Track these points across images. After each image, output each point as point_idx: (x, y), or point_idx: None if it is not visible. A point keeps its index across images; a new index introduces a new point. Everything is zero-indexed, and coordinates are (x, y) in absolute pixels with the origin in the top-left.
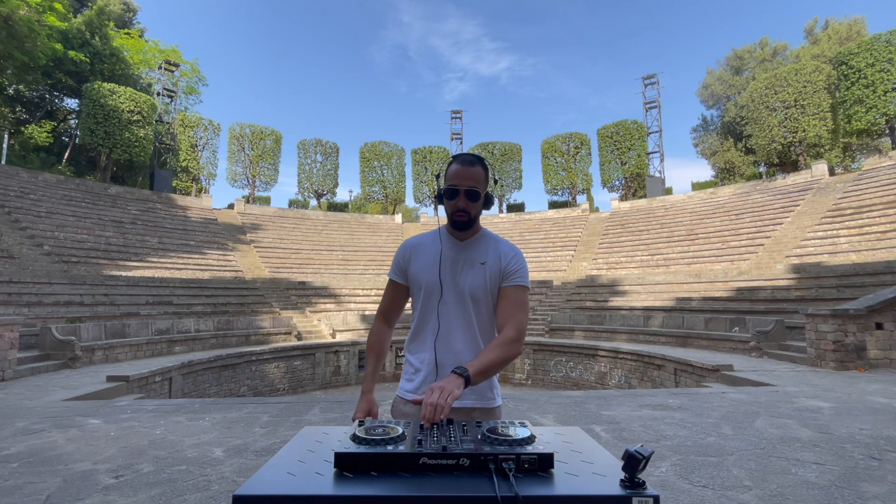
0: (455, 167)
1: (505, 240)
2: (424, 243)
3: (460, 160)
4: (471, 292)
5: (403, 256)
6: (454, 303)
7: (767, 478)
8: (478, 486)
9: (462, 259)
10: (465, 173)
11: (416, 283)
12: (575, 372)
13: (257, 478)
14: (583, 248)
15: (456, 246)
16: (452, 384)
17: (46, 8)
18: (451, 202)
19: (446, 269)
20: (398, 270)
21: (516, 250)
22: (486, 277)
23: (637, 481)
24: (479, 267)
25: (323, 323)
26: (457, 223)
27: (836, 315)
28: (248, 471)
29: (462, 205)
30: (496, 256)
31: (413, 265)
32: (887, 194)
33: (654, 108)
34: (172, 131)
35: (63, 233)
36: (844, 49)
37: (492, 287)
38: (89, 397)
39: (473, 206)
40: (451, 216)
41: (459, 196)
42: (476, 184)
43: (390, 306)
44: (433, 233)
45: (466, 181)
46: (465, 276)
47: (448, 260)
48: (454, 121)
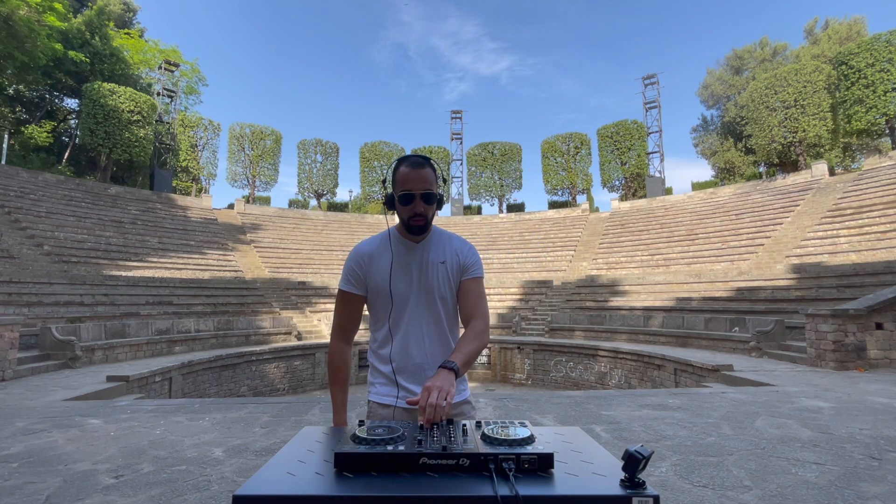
0: (404, 170)
1: (451, 233)
2: (378, 250)
3: (409, 163)
4: (438, 292)
5: (359, 266)
6: (424, 305)
7: (767, 478)
8: (478, 486)
9: (423, 261)
10: (417, 176)
11: (380, 292)
12: (575, 372)
13: (257, 478)
14: (583, 248)
15: (413, 249)
16: (446, 381)
17: (46, 8)
18: (407, 207)
19: (412, 274)
20: (354, 280)
21: (467, 243)
22: (448, 276)
23: (637, 481)
24: (441, 266)
25: (323, 323)
26: (414, 228)
27: (836, 315)
28: (248, 471)
29: (420, 209)
30: (452, 253)
31: (374, 274)
32: (887, 194)
33: (654, 108)
34: (172, 131)
35: (63, 233)
36: (844, 49)
37: (454, 283)
38: (89, 397)
39: (429, 209)
40: (406, 221)
41: (416, 200)
42: (430, 186)
43: (348, 321)
44: (382, 237)
45: (420, 184)
46: (431, 278)
47: (410, 264)
48: (454, 121)
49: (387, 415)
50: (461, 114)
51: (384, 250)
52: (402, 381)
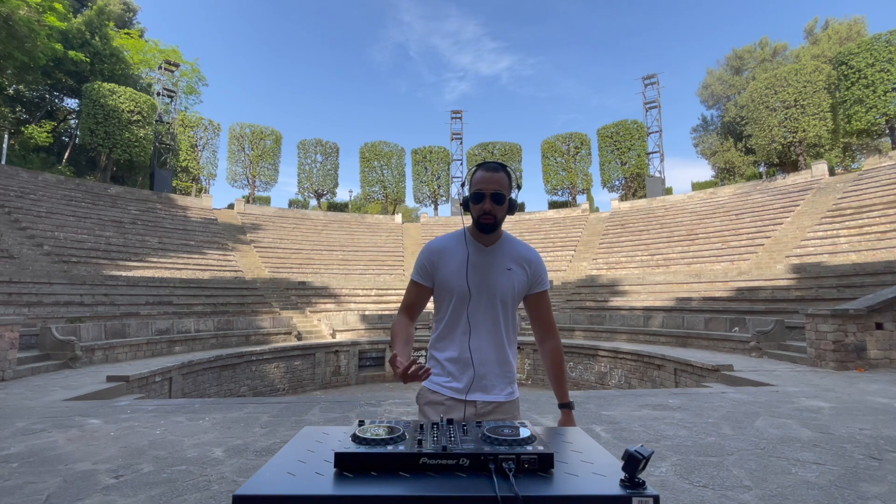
0: (480, 173)
1: (522, 242)
2: (450, 247)
3: (485, 167)
4: (500, 297)
5: (430, 260)
6: (484, 306)
7: (767, 478)
8: (478, 486)
9: (489, 264)
10: (490, 178)
11: (445, 288)
12: (575, 372)
13: (257, 478)
14: (583, 248)
15: (482, 251)
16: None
17: (46, 8)
18: (478, 206)
19: (477, 275)
20: (423, 273)
21: (536, 254)
22: (513, 283)
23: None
24: (507, 273)
25: (323, 323)
26: (483, 226)
27: (836, 315)
28: (248, 471)
29: (488, 207)
30: (520, 262)
31: (441, 270)
32: (887, 194)
33: (654, 108)
34: (172, 131)
35: (63, 233)
36: (844, 49)
37: (518, 292)
38: (89, 397)
39: (499, 210)
40: (476, 219)
41: (485, 199)
42: (501, 188)
43: (414, 303)
44: (457, 236)
45: (491, 185)
46: (495, 282)
47: (477, 265)
48: (454, 121)
49: (434, 399)
50: (461, 114)
51: (456, 247)
52: (454, 371)
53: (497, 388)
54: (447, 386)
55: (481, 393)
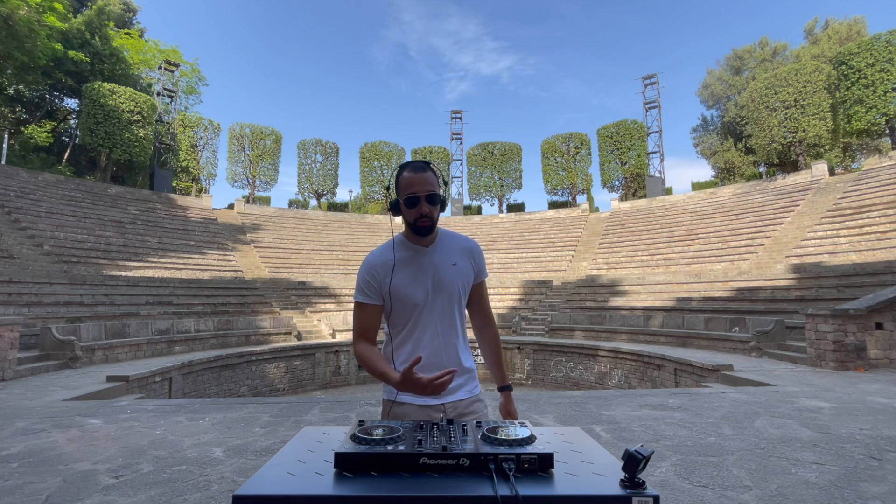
0: (407, 175)
1: (457, 233)
2: (390, 258)
3: (410, 168)
4: (453, 294)
5: (373, 276)
6: (439, 307)
7: (767, 478)
8: (478, 486)
9: (435, 263)
10: (420, 179)
11: (399, 299)
12: (575, 372)
13: (257, 478)
14: (583, 248)
15: (423, 253)
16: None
17: (46, 8)
18: (413, 210)
19: (427, 277)
20: (370, 291)
21: (475, 243)
22: (461, 276)
23: (637, 481)
24: (453, 268)
25: (323, 323)
26: (421, 229)
27: (836, 315)
28: (248, 471)
29: (426, 210)
30: (462, 254)
31: (387, 282)
32: (887, 194)
33: (654, 108)
34: (172, 131)
35: (63, 233)
36: (844, 49)
37: (466, 284)
38: (89, 397)
39: (434, 210)
40: (413, 223)
41: (421, 202)
42: (433, 188)
43: (368, 328)
44: (388, 246)
45: (424, 186)
46: (445, 280)
47: (424, 267)
48: (454, 121)
49: (403, 412)
50: (461, 114)
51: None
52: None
53: (463, 386)
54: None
55: (449, 394)
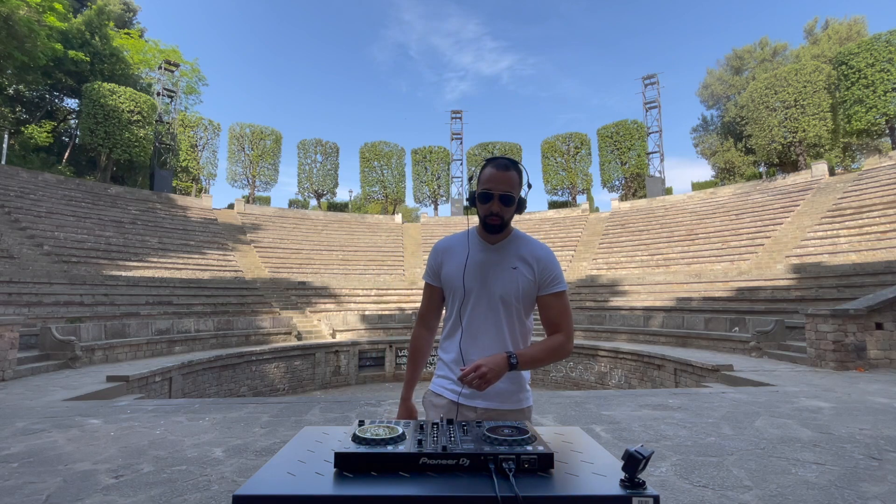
0: (490, 171)
1: (535, 240)
2: (455, 246)
3: (495, 164)
4: (501, 296)
5: (436, 259)
6: (484, 306)
7: (767, 478)
8: (478, 486)
9: (493, 262)
10: (500, 177)
11: (448, 286)
12: (575, 372)
13: (257, 478)
14: (583, 248)
15: (486, 249)
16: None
17: (46, 8)
18: (485, 206)
19: (477, 273)
20: (432, 273)
21: (548, 252)
22: (517, 282)
23: (637, 481)
24: (511, 271)
25: (323, 323)
26: (489, 227)
27: (836, 315)
28: (248, 471)
29: (496, 209)
30: (528, 261)
31: (445, 268)
32: (887, 194)
33: (654, 108)
34: (172, 131)
35: (63, 233)
36: (844, 49)
37: (524, 292)
38: (89, 397)
39: (507, 211)
40: (483, 219)
41: (493, 200)
42: (510, 188)
43: (428, 309)
44: (463, 235)
45: (501, 185)
46: (496, 280)
47: (478, 263)
48: (454, 121)
49: (437, 403)
50: (461, 114)
51: (461, 247)
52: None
53: (502, 395)
54: (447, 388)
55: (482, 399)
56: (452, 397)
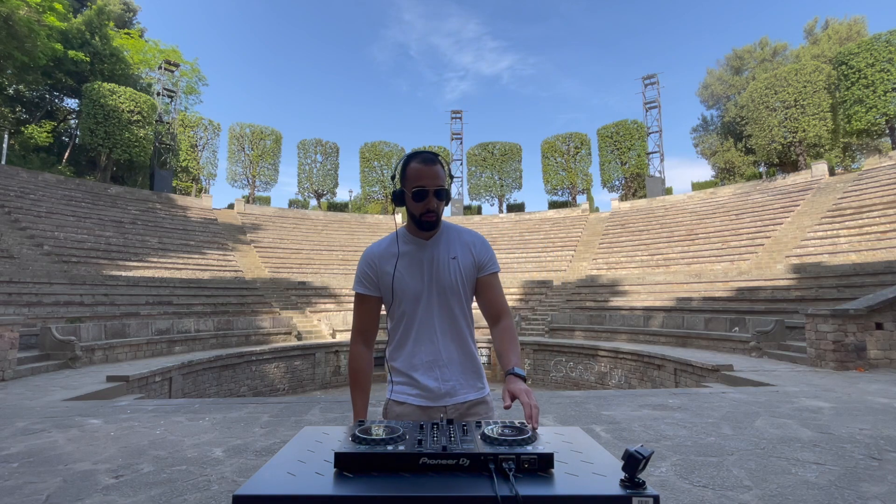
0: (417, 166)
1: (460, 226)
2: (389, 250)
3: (420, 159)
4: (450, 289)
5: (370, 267)
6: (437, 302)
7: (767, 478)
8: (478, 486)
9: (433, 257)
10: (430, 172)
11: (392, 292)
12: (575, 372)
13: (257, 478)
14: (583, 248)
15: (423, 246)
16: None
17: (46, 8)
18: (420, 203)
19: (423, 271)
20: (367, 282)
21: (478, 236)
22: (460, 270)
23: (637, 481)
24: (452, 262)
25: (323, 323)
26: (426, 224)
27: (836, 315)
28: (248, 471)
29: (433, 206)
30: (464, 247)
31: (386, 275)
32: (887, 194)
33: (654, 108)
34: (172, 131)
35: (63, 233)
36: (844, 49)
37: (467, 279)
38: (89, 397)
39: (441, 205)
40: (418, 217)
41: (429, 197)
42: (442, 182)
43: (367, 324)
44: (391, 238)
45: (433, 181)
46: (443, 274)
47: (421, 261)
48: (454, 121)
49: (402, 412)
50: (461, 114)
51: (394, 250)
52: (417, 378)
53: (465, 387)
54: (412, 395)
55: (449, 396)
56: (418, 402)
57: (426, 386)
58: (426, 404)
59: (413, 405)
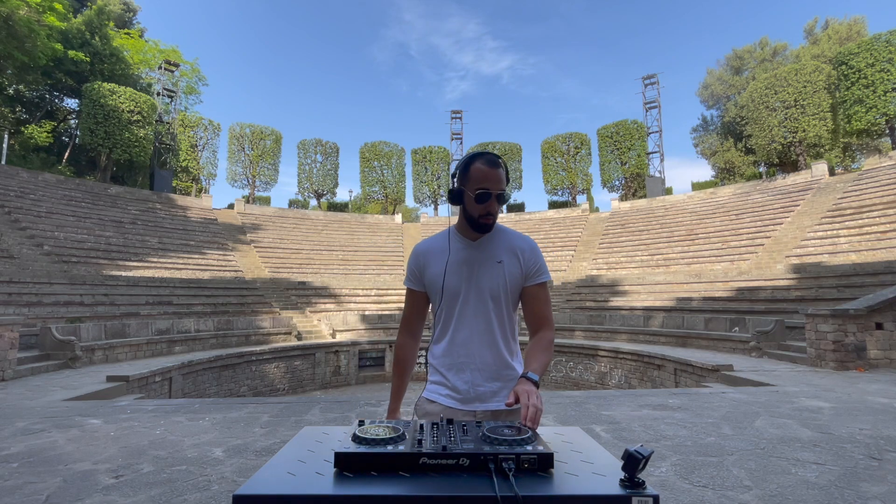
0: (482, 168)
1: (515, 231)
2: (436, 247)
3: (485, 160)
4: (490, 292)
5: (417, 263)
6: (474, 304)
7: (767, 478)
8: (478, 486)
9: (478, 259)
10: (495, 176)
11: (433, 289)
12: (575, 372)
13: (257, 478)
14: (583, 248)
15: (470, 246)
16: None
17: (46, 8)
18: (482, 206)
19: (464, 272)
20: (413, 278)
21: (531, 243)
22: (504, 276)
23: (637, 481)
24: (497, 266)
25: (323, 323)
26: (482, 226)
27: (836, 315)
28: (248, 471)
29: (494, 209)
30: (512, 253)
31: (428, 270)
32: (887, 194)
33: (654, 108)
34: (172, 131)
35: (63, 233)
36: (844, 49)
37: (511, 285)
38: (89, 397)
39: (498, 209)
40: (476, 219)
41: (492, 200)
42: (504, 186)
43: (412, 315)
44: (442, 235)
45: (498, 185)
46: (484, 277)
47: (463, 262)
48: (454, 121)
49: (431, 410)
50: (461, 114)
51: (442, 248)
52: (450, 378)
53: (498, 396)
54: (443, 394)
55: (479, 402)
56: (448, 403)
57: (456, 387)
58: (456, 406)
59: (442, 405)
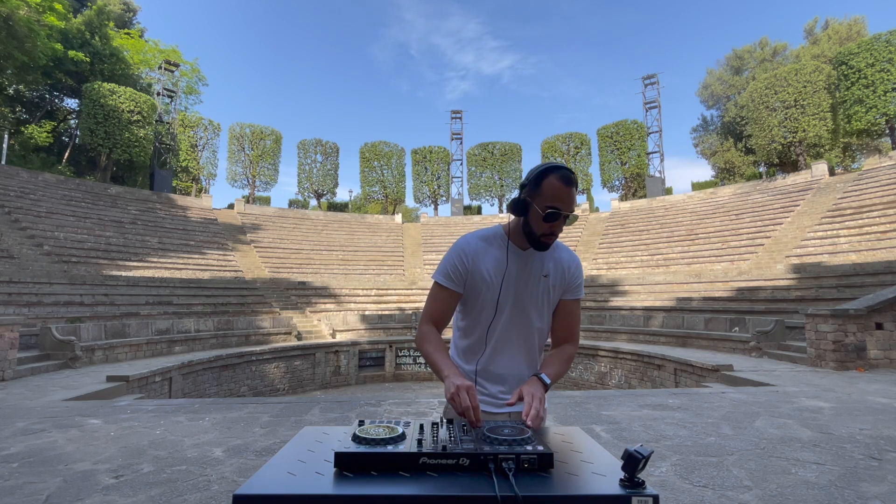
0: (555, 184)
1: (560, 243)
2: (490, 253)
3: (560, 176)
4: (533, 305)
5: (463, 263)
6: (518, 316)
7: (767, 478)
8: (478, 485)
9: (525, 271)
10: (569, 196)
11: (480, 294)
12: (575, 372)
13: (257, 478)
14: (583, 248)
15: (520, 255)
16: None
17: (46, 8)
18: (548, 224)
19: (513, 283)
20: (455, 276)
21: (576, 259)
22: (548, 290)
23: (637, 481)
24: (543, 280)
25: (323, 323)
26: (542, 245)
27: (836, 315)
28: (248, 471)
29: (559, 230)
30: (558, 268)
31: (477, 277)
32: (887, 194)
33: (654, 108)
34: (172, 131)
35: (63, 233)
36: (844, 49)
37: (552, 299)
38: (89, 397)
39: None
40: (537, 236)
41: (559, 220)
42: (574, 208)
43: (439, 315)
44: (494, 237)
45: (570, 206)
46: (528, 289)
47: (514, 273)
48: (454, 121)
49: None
50: (461, 114)
51: (495, 251)
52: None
53: None
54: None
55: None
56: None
57: (493, 394)
58: (489, 409)
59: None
